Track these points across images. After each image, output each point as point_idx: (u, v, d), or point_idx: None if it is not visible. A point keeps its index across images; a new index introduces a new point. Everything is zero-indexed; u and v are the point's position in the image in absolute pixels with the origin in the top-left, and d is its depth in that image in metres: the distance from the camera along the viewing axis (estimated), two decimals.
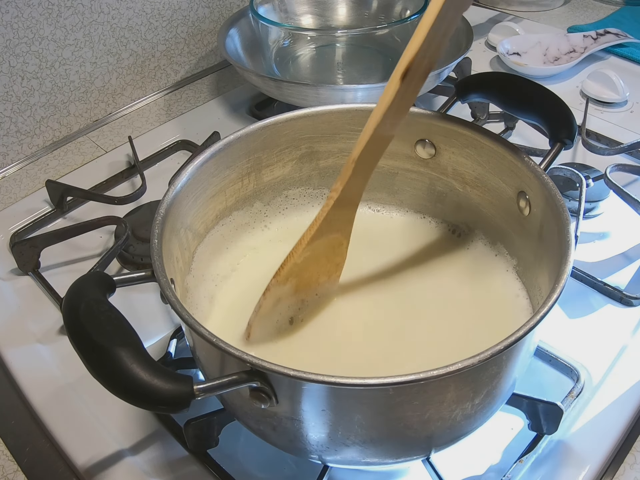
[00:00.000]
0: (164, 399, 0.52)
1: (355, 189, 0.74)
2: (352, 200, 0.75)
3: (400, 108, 0.68)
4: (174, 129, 1.30)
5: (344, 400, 0.57)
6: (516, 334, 0.56)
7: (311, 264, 0.75)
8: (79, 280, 0.61)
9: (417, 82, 0.67)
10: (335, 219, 0.74)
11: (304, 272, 0.75)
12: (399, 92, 0.66)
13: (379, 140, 0.70)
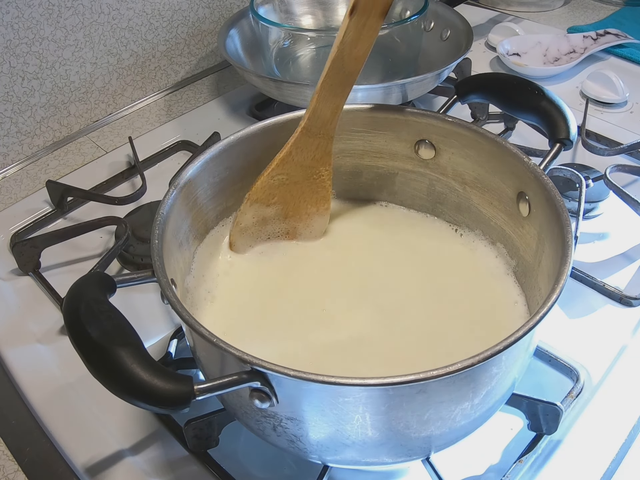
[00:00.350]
0: (164, 399, 0.52)
1: (324, 117, 0.79)
2: (324, 129, 0.80)
3: (355, 42, 0.75)
4: (174, 129, 1.30)
5: (344, 400, 0.57)
6: (515, 334, 0.57)
7: (292, 190, 0.83)
8: (79, 281, 0.61)
9: (373, 17, 0.74)
10: (307, 147, 0.81)
11: (286, 197, 0.83)
12: (349, 27, 0.74)
13: (340, 71, 0.77)
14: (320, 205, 0.85)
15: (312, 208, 0.85)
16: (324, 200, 0.85)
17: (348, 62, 0.76)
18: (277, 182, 0.81)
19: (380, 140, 0.86)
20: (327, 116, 0.79)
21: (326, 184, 0.84)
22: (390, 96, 1.14)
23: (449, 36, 1.31)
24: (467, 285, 0.81)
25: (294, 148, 0.80)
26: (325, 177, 0.83)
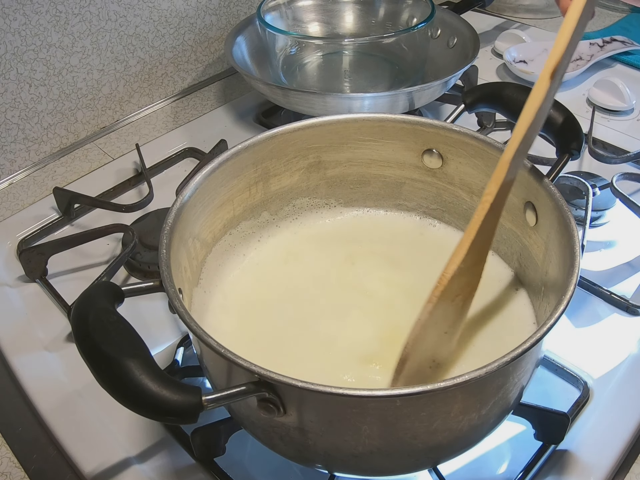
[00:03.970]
0: (172, 410, 0.53)
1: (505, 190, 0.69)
2: (498, 210, 0.70)
3: (546, 102, 0.68)
4: (181, 136, 1.30)
5: (352, 411, 0.57)
6: (523, 345, 0.57)
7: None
8: (87, 290, 0.61)
9: (559, 81, 0.69)
10: (486, 229, 0.69)
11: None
12: (549, 90, 0.67)
13: (525, 142, 0.68)
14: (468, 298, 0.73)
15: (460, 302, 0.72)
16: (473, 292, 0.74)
17: (534, 130, 0.69)
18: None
19: (387, 150, 0.86)
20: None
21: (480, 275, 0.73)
22: (397, 104, 1.14)
23: (456, 43, 1.31)
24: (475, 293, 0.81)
25: (480, 229, 0.68)
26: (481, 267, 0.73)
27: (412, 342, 0.67)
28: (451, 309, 0.70)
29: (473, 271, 0.71)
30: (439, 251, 0.86)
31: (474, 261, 0.70)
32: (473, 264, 0.70)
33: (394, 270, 0.85)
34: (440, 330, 0.70)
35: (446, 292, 0.67)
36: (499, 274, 0.83)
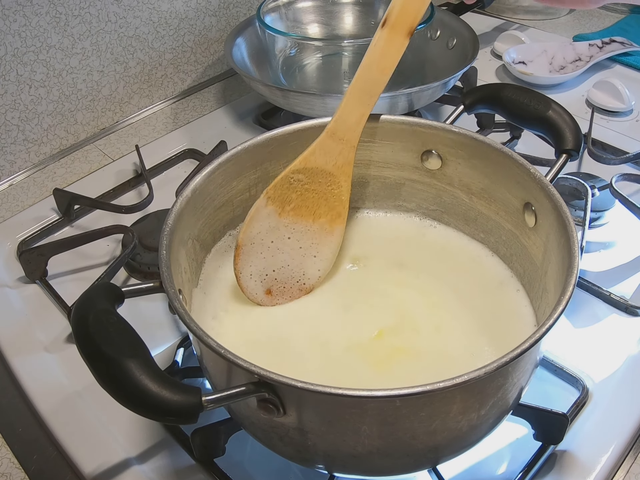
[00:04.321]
0: (172, 411, 0.53)
1: (349, 123, 0.80)
2: (348, 135, 0.81)
3: (383, 54, 0.79)
4: (181, 137, 1.30)
5: (351, 412, 0.57)
6: (522, 346, 0.57)
7: (309, 199, 0.81)
8: (87, 291, 0.61)
9: (399, 35, 0.78)
10: (330, 150, 0.80)
11: (302, 207, 0.82)
12: (379, 37, 0.78)
13: (367, 80, 0.79)
14: (336, 223, 0.83)
15: (326, 225, 0.83)
16: (340, 218, 0.84)
17: (376, 72, 0.79)
18: (296, 184, 0.80)
19: (387, 151, 0.86)
20: (352, 122, 0.80)
21: (344, 198, 0.83)
22: (397, 105, 1.14)
23: (455, 45, 1.31)
24: (473, 294, 0.81)
25: (317, 148, 0.80)
26: (343, 189, 0.82)
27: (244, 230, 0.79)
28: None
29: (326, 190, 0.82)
30: (441, 252, 0.87)
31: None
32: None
33: (399, 271, 0.85)
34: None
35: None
36: (498, 274, 0.83)
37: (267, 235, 0.80)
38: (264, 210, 0.79)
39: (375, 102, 0.80)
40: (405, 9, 0.77)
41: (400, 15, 0.77)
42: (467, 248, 0.87)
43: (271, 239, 0.81)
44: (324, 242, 0.83)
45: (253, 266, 0.80)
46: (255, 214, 0.79)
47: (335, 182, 0.81)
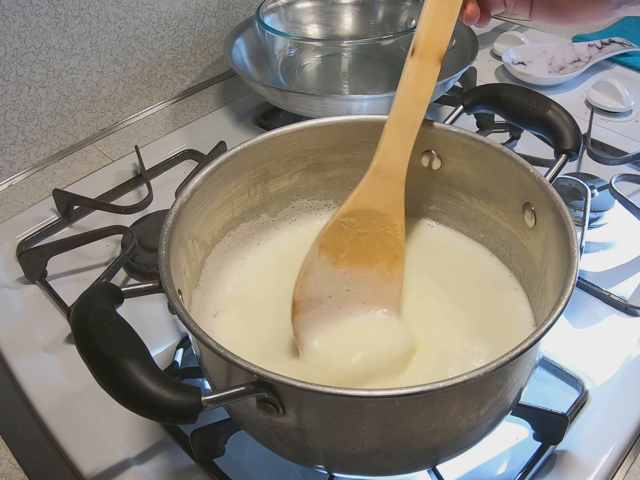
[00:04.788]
0: (172, 411, 0.53)
1: (394, 159, 0.77)
2: (394, 172, 0.77)
3: (416, 83, 0.76)
4: (180, 138, 1.30)
5: (350, 412, 0.57)
6: (521, 346, 0.57)
7: (362, 244, 0.77)
8: (87, 292, 0.61)
9: (430, 62, 0.76)
10: (378, 190, 0.77)
11: (357, 253, 0.77)
12: (410, 68, 0.76)
13: (405, 113, 0.77)
14: (394, 266, 0.78)
15: (385, 270, 0.78)
16: (398, 260, 0.78)
17: (412, 104, 0.77)
18: (348, 229, 0.76)
19: None
20: (397, 158, 0.77)
21: (399, 238, 0.78)
22: None
23: (454, 45, 1.31)
24: (472, 294, 0.81)
25: (365, 189, 0.77)
26: (398, 229, 0.78)
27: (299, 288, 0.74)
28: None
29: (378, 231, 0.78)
30: (440, 252, 0.87)
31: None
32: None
33: None
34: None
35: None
36: (497, 274, 0.83)
37: (324, 288, 0.75)
38: (318, 261, 0.75)
39: (416, 134, 0.77)
40: (432, 35, 0.75)
41: (428, 42, 0.75)
42: (466, 248, 0.87)
43: (329, 292, 0.75)
44: (385, 291, 0.78)
45: (312, 326, 0.74)
46: (309, 266, 0.75)
47: (389, 222, 0.78)
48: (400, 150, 0.77)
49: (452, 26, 0.76)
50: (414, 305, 0.80)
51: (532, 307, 0.78)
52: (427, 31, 0.75)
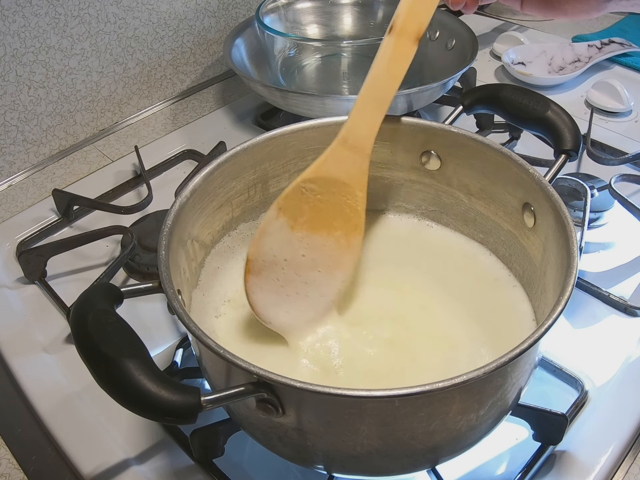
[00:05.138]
0: (171, 411, 0.53)
1: (361, 131, 0.78)
2: (360, 143, 0.78)
3: (392, 60, 0.77)
4: (180, 138, 1.30)
5: (350, 412, 0.57)
6: (521, 346, 0.57)
7: (322, 211, 0.77)
8: (86, 292, 0.62)
9: (407, 41, 0.77)
10: (343, 159, 0.77)
11: (315, 220, 0.77)
12: (387, 44, 0.77)
13: (377, 87, 0.77)
14: (352, 236, 0.78)
15: (342, 239, 0.78)
16: (357, 230, 0.79)
17: (385, 79, 0.77)
18: (309, 194, 0.77)
19: (385, 151, 0.86)
20: (365, 130, 0.78)
21: (359, 209, 0.78)
22: (396, 106, 1.14)
23: (454, 45, 1.31)
24: (472, 294, 0.81)
25: (329, 156, 0.77)
26: (359, 200, 0.78)
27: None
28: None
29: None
30: (440, 253, 0.87)
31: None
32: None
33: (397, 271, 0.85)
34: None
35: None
36: (497, 275, 0.83)
37: (280, 251, 0.76)
38: (276, 223, 0.76)
39: (386, 109, 0.78)
40: (411, 14, 0.76)
41: (407, 20, 0.76)
42: (465, 248, 0.87)
43: (285, 256, 0.76)
44: (341, 260, 0.79)
45: (266, 290, 0.76)
46: (266, 226, 0.76)
47: (350, 192, 0.78)
48: (369, 123, 0.78)
49: (434, 7, 0.76)
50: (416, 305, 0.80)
51: (532, 308, 0.78)
52: (407, 10, 0.76)
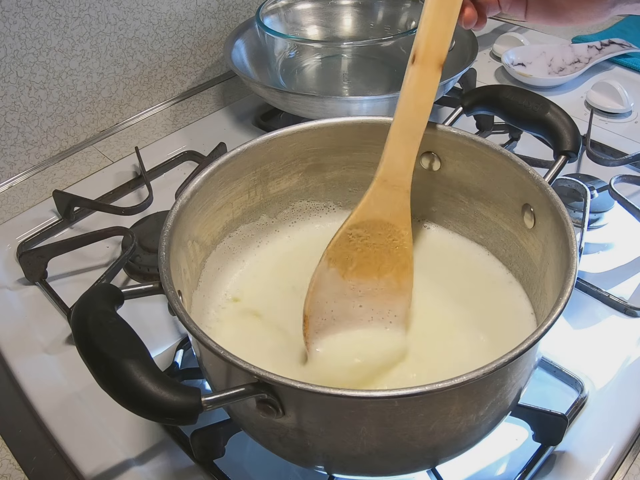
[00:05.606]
0: (172, 411, 0.53)
1: (398, 167, 0.77)
2: (399, 181, 0.77)
3: (418, 90, 0.76)
4: (180, 139, 1.30)
5: (350, 412, 0.57)
6: (520, 346, 0.57)
7: (371, 255, 0.77)
8: (87, 293, 0.62)
9: (430, 68, 0.76)
10: (385, 199, 0.77)
11: (365, 264, 0.76)
12: (411, 74, 0.76)
13: (407, 119, 0.76)
14: (402, 277, 0.77)
15: (393, 281, 0.77)
16: (406, 270, 0.78)
17: (414, 111, 0.77)
18: (356, 240, 0.76)
19: None
20: (401, 166, 0.77)
21: (407, 248, 0.78)
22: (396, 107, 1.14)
23: (454, 46, 1.31)
24: (472, 295, 0.81)
25: (371, 199, 0.76)
26: (405, 238, 0.78)
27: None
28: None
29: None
30: (439, 254, 0.87)
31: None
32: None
33: None
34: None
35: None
36: (496, 275, 0.83)
37: (335, 304, 0.75)
38: (327, 273, 0.75)
39: (419, 141, 0.77)
40: (431, 41, 0.76)
41: (428, 48, 0.75)
42: (465, 249, 0.87)
43: (339, 306, 0.75)
44: (394, 303, 0.77)
45: (322, 338, 0.75)
46: (319, 279, 0.75)
47: (396, 231, 0.77)
48: (404, 158, 0.77)
49: (452, 31, 0.76)
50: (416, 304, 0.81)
51: (532, 308, 0.78)
52: (427, 37, 0.75)
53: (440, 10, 0.75)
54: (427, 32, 0.75)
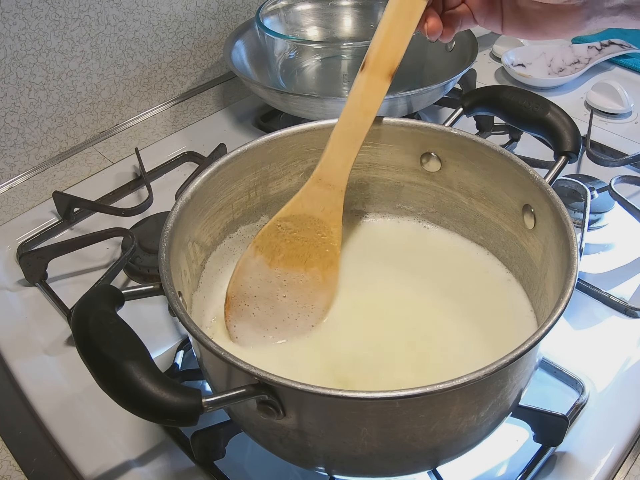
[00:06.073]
0: (172, 412, 0.53)
1: (335, 168, 0.79)
2: (335, 180, 0.80)
3: (365, 96, 0.78)
4: (180, 140, 1.30)
5: (351, 413, 0.57)
6: (521, 347, 0.57)
7: (299, 248, 0.80)
8: (87, 294, 0.62)
9: (379, 78, 0.78)
10: (317, 197, 0.79)
11: (292, 256, 0.80)
12: (360, 80, 0.78)
13: (351, 122, 0.79)
14: (328, 272, 0.81)
15: (318, 275, 0.81)
16: (332, 266, 0.82)
17: (358, 116, 0.79)
18: (284, 232, 0.79)
19: (386, 153, 0.86)
20: (339, 167, 0.79)
21: (335, 245, 0.81)
22: (396, 108, 1.15)
23: (454, 47, 1.31)
24: (472, 296, 0.81)
25: (304, 195, 0.79)
26: (334, 236, 0.81)
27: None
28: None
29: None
30: (440, 254, 0.87)
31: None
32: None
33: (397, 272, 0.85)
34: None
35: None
36: (497, 276, 0.83)
37: (258, 289, 0.79)
38: (253, 261, 0.79)
39: (360, 145, 0.79)
40: (383, 51, 0.77)
41: (379, 58, 0.77)
42: (466, 250, 0.87)
43: (263, 293, 0.79)
44: (318, 294, 0.81)
45: (245, 326, 0.78)
46: (243, 264, 0.79)
47: (325, 228, 0.80)
48: (343, 159, 0.79)
49: (406, 44, 0.77)
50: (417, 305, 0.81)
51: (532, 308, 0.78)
52: (379, 47, 0.77)
53: (398, 20, 0.76)
54: (380, 41, 0.77)
